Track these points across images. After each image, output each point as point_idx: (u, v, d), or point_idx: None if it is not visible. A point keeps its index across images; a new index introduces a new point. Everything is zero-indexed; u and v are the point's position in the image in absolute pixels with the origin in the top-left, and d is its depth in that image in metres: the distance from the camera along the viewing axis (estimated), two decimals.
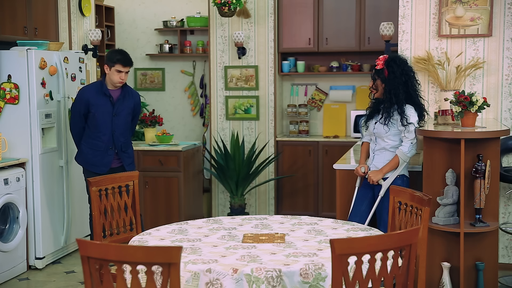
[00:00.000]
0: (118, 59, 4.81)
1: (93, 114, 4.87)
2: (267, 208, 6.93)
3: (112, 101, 4.90)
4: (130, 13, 7.92)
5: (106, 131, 4.90)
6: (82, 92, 4.98)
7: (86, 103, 4.87)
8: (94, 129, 4.89)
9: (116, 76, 4.82)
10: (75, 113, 4.96)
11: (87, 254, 2.29)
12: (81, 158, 5.00)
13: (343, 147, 6.44)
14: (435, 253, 4.24)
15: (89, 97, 4.88)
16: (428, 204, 3.02)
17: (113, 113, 4.90)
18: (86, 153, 4.94)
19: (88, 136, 4.93)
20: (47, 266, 5.38)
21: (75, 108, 4.97)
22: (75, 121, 4.97)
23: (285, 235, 3.11)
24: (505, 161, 5.05)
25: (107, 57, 4.89)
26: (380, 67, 4.16)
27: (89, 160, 4.94)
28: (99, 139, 4.90)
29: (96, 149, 4.91)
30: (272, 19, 6.76)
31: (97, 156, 4.91)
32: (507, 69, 5.01)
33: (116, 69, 4.80)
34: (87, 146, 4.94)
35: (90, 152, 4.92)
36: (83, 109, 4.88)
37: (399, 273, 2.50)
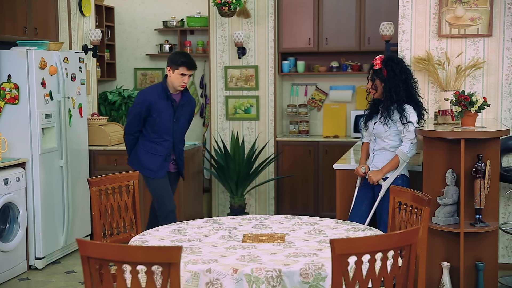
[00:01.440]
0: (183, 62, 4.63)
1: (154, 118, 4.68)
2: (267, 208, 6.93)
3: (175, 106, 4.72)
4: (130, 13, 7.92)
5: (167, 136, 4.74)
6: (144, 94, 4.74)
7: (149, 106, 4.66)
8: (155, 133, 4.72)
9: (179, 80, 4.66)
10: (135, 116, 4.72)
11: (87, 254, 2.29)
12: (137, 162, 4.78)
13: (343, 147, 6.44)
14: (435, 253, 4.24)
15: (151, 101, 4.66)
16: (428, 204, 3.02)
17: (173, 119, 4.74)
18: (143, 158, 4.74)
19: (148, 139, 4.75)
20: (47, 266, 5.38)
21: (135, 110, 4.74)
22: (133, 124, 4.75)
23: (285, 235, 3.11)
24: (505, 161, 5.05)
25: (170, 60, 4.70)
26: (378, 67, 4.17)
27: (146, 165, 4.74)
28: (160, 144, 4.73)
29: (155, 154, 4.73)
30: (272, 19, 6.76)
31: (155, 162, 4.73)
32: (507, 69, 5.01)
33: (180, 72, 4.64)
34: (145, 149, 4.75)
35: (148, 156, 4.74)
36: (144, 113, 4.68)
37: (399, 273, 2.50)
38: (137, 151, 4.79)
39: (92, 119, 6.22)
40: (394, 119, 4.15)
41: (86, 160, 6.04)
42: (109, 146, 6.15)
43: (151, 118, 4.68)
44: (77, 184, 5.74)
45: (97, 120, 6.24)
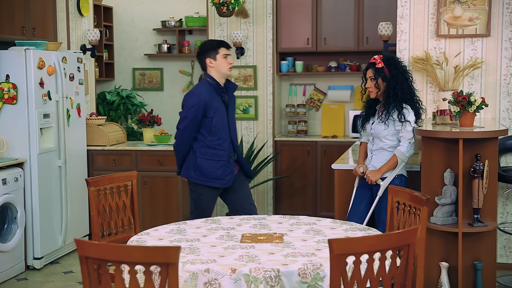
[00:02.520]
0: (220, 43, 4.32)
1: (210, 119, 4.26)
2: (266, 208, 6.92)
3: (225, 101, 4.35)
4: (129, 13, 7.92)
5: (226, 136, 4.34)
6: (198, 94, 4.28)
7: (204, 106, 4.23)
8: (213, 136, 4.29)
9: (225, 63, 4.29)
10: (191, 120, 4.25)
11: (85, 254, 2.29)
12: (200, 173, 4.31)
13: (341, 147, 6.44)
14: (433, 253, 4.24)
15: (206, 99, 4.24)
16: (426, 204, 3.02)
17: (227, 116, 4.36)
18: (206, 167, 4.29)
19: (205, 145, 4.30)
20: (45, 266, 5.38)
21: (190, 115, 4.25)
22: (189, 131, 4.28)
23: (284, 235, 3.11)
24: (503, 161, 5.06)
25: (205, 49, 4.34)
26: (381, 66, 4.17)
27: (211, 174, 4.29)
28: (220, 147, 4.31)
29: (217, 160, 4.31)
30: (270, 19, 6.76)
31: (219, 168, 4.30)
32: (505, 69, 5.01)
33: (222, 55, 4.29)
34: (205, 157, 4.30)
35: (211, 164, 4.29)
36: (200, 115, 4.25)
37: (397, 273, 2.50)
38: (196, 161, 4.31)
39: (90, 119, 6.22)
40: (392, 118, 4.15)
41: (85, 160, 6.03)
42: (107, 146, 6.15)
43: (207, 119, 4.26)
44: (75, 184, 5.73)
45: (95, 120, 6.24)
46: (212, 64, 4.29)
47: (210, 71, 4.33)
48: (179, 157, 4.39)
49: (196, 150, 4.31)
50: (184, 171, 4.39)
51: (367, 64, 4.30)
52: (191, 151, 4.34)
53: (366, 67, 4.29)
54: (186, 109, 4.30)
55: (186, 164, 4.37)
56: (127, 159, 6.07)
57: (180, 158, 4.39)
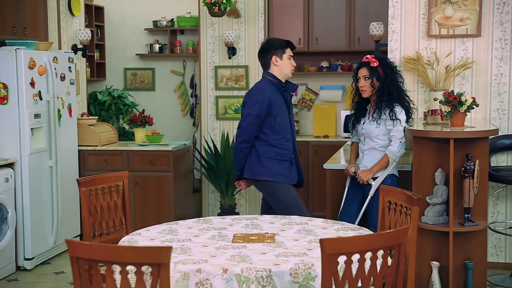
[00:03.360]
0: (288, 43, 4.21)
1: (274, 117, 4.13)
2: (257, 208, 6.92)
3: (287, 100, 4.24)
4: (120, 13, 7.90)
5: (289, 136, 4.21)
6: (262, 90, 4.14)
7: (269, 104, 4.11)
8: (276, 135, 4.16)
9: (289, 64, 4.21)
10: (255, 118, 4.11)
11: (76, 254, 2.28)
12: (265, 169, 4.15)
13: (333, 147, 6.45)
14: (425, 252, 4.25)
15: (271, 97, 4.11)
16: (417, 204, 3.03)
17: (289, 115, 4.24)
18: (270, 165, 4.15)
19: (268, 144, 4.16)
20: (36, 267, 5.36)
21: (254, 112, 4.10)
22: (252, 129, 4.13)
23: (275, 235, 3.11)
24: (493, 161, 5.08)
25: (273, 47, 4.21)
26: (376, 65, 4.18)
27: (276, 170, 4.15)
28: (283, 147, 4.18)
29: (280, 159, 4.18)
30: (262, 19, 6.76)
31: (284, 168, 4.19)
32: (496, 69, 5.04)
33: (288, 56, 4.21)
34: (268, 156, 4.16)
35: (275, 163, 4.16)
36: (264, 112, 4.11)
37: (388, 273, 2.51)
38: (259, 159, 4.15)
39: (81, 119, 6.20)
40: (384, 117, 4.16)
41: (76, 161, 6.01)
42: (98, 146, 6.13)
43: (270, 117, 4.12)
44: (66, 184, 5.71)
45: (86, 120, 6.22)
46: (278, 63, 4.18)
47: (272, 69, 4.21)
48: (241, 157, 4.18)
49: (258, 149, 4.15)
50: (248, 172, 4.19)
51: (359, 63, 4.30)
52: (253, 151, 4.17)
53: (358, 66, 4.28)
54: (249, 105, 4.13)
55: (250, 164, 4.18)
56: (118, 159, 6.06)
57: (242, 158, 4.18)
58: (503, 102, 5.05)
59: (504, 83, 5.03)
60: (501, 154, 5.09)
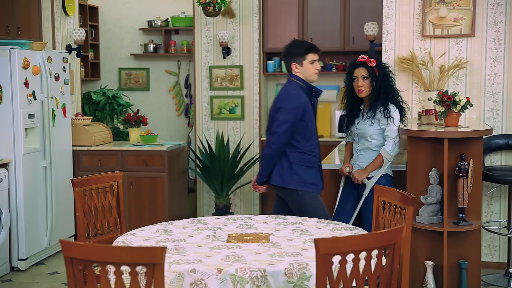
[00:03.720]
0: (309, 48, 4.01)
1: (305, 123, 3.96)
2: (252, 208, 6.92)
3: (314, 104, 4.07)
4: (114, 13, 7.88)
5: (316, 142, 4.06)
6: (298, 96, 3.97)
7: (304, 110, 3.93)
8: (307, 141, 3.99)
9: (312, 69, 4.01)
10: (291, 124, 3.93)
11: (71, 255, 2.28)
12: (297, 178, 3.98)
13: (327, 147, 6.44)
14: (419, 252, 4.26)
15: (306, 101, 3.95)
16: (412, 203, 3.03)
17: (315, 120, 4.10)
18: (301, 172, 3.99)
19: (299, 150, 3.99)
20: (30, 268, 5.34)
21: (291, 118, 3.92)
22: (286, 136, 3.95)
23: (270, 235, 3.11)
24: (487, 160, 5.09)
25: (291, 53, 4.05)
26: (374, 64, 4.19)
27: (307, 179, 3.98)
28: (312, 154, 4.02)
29: (310, 166, 4.01)
30: (257, 19, 6.76)
31: (313, 175, 4.01)
32: (490, 69, 5.05)
33: (309, 61, 4.00)
34: (299, 163, 3.99)
35: (306, 170, 3.99)
36: (299, 118, 3.94)
37: (383, 272, 2.52)
38: (290, 167, 3.98)
39: (76, 119, 6.19)
40: (378, 117, 4.17)
41: (70, 161, 6.00)
42: (93, 146, 6.12)
43: (303, 123, 3.96)
44: (60, 184, 5.70)
45: (81, 120, 6.21)
46: (298, 70, 4.03)
47: (296, 74, 4.07)
48: (271, 164, 4.03)
49: (289, 155, 3.98)
50: (278, 179, 4.02)
51: (354, 63, 4.27)
52: (283, 157, 4.00)
53: (353, 66, 4.25)
54: (286, 111, 3.93)
55: (279, 171, 4.01)
56: (113, 159, 6.05)
57: (272, 165, 4.03)
58: (497, 102, 5.06)
59: (498, 83, 5.05)
60: (495, 154, 5.11)
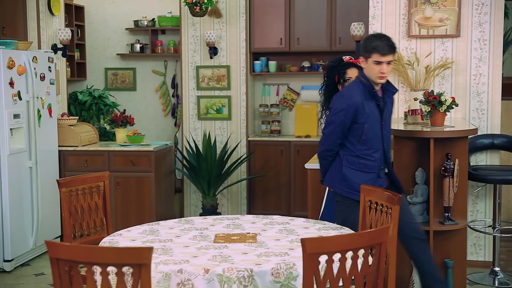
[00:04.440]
0: (374, 47, 3.65)
1: (361, 125, 3.70)
2: (239, 208, 6.92)
3: (380, 105, 3.75)
4: (101, 12, 7.85)
5: (378, 146, 3.76)
6: (349, 97, 3.73)
7: (355, 111, 3.69)
8: (363, 144, 3.74)
9: (374, 70, 3.66)
10: (338, 126, 3.73)
11: (56, 255, 2.27)
12: (345, 184, 3.76)
13: (314, 147, 6.43)
14: (405, 251, 4.28)
15: (358, 103, 3.68)
16: (398, 203, 3.05)
17: (381, 122, 3.77)
18: (352, 178, 3.74)
19: (353, 154, 3.76)
20: (16, 269, 5.30)
21: (338, 119, 3.72)
22: (335, 137, 3.77)
23: (257, 235, 3.12)
24: (473, 160, 5.13)
25: (362, 46, 3.77)
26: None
27: (357, 186, 3.63)
28: (370, 158, 3.74)
29: (366, 172, 3.75)
30: (243, 19, 6.76)
31: (368, 181, 3.70)
32: (475, 69, 5.09)
33: (373, 61, 3.65)
34: (352, 167, 3.77)
35: (359, 176, 3.74)
36: (350, 120, 3.70)
37: (369, 272, 2.53)
38: (341, 170, 3.79)
39: (62, 119, 6.15)
40: None
41: (56, 161, 5.96)
42: (79, 146, 6.09)
43: (357, 125, 3.71)
44: (46, 185, 5.67)
45: (67, 120, 6.17)
46: (363, 65, 3.74)
47: (364, 70, 3.76)
48: (324, 164, 3.91)
49: (342, 158, 3.79)
50: (329, 180, 3.89)
51: (346, 64, 4.19)
52: (337, 159, 3.84)
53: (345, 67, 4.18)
54: (333, 112, 3.79)
55: (331, 172, 3.88)
56: (99, 160, 6.02)
57: (325, 165, 3.90)
58: (482, 102, 5.10)
59: (483, 83, 5.09)
60: (480, 154, 5.15)
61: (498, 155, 5.19)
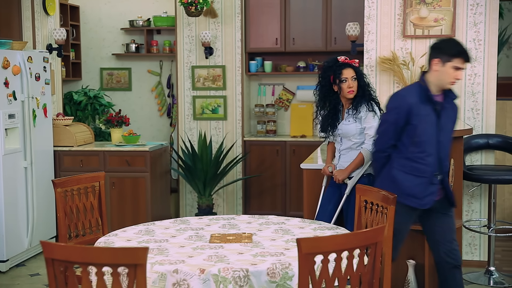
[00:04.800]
0: (460, 52, 3.60)
1: (414, 127, 3.65)
2: (235, 208, 6.92)
3: (438, 110, 3.68)
4: (96, 12, 7.83)
5: (431, 150, 3.67)
6: (402, 96, 3.74)
7: (408, 112, 3.64)
8: (415, 147, 3.68)
9: (450, 75, 3.61)
10: (391, 125, 3.71)
11: (52, 256, 2.26)
12: (394, 186, 3.64)
13: (310, 147, 6.48)
14: (401, 251, 4.28)
15: (412, 104, 3.64)
16: (393, 203, 3.06)
17: (438, 127, 3.69)
18: (402, 181, 3.69)
19: (406, 156, 3.70)
20: (11, 269, 5.29)
21: (391, 118, 3.72)
22: (387, 137, 3.74)
23: (253, 235, 3.12)
24: (468, 160, 5.14)
25: (439, 49, 3.67)
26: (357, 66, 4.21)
27: (407, 190, 3.65)
28: (422, 162, 3.67)
29: (418, 175, 3.68)
30: (239, 19, 6.76)
31: (418, 185, 3.67)
32: (470, 69, 5.10)
33: (453, 66, 3.59)
34: (403, 170, 3.70)
35: (409, 179, 3.68)
36: (402, 120, 3.66)
37: (365, 271, 2.53)
38: (391, 172, 3.74)
39: (57, 119, 6.14)
40: (360, 116, 4.16)
41: (51, 161, 5.95)
42: (74, 146, 6.08)
43: (410, 126, 3.67)
44: (41, 185, 5.65)
45: (62, 120, 6.16)
46: (437, 68, 3.66)
47: (431, 73, 3.70)
48: (376, 167, 3.90)
49: (393, 160, 3.74)
50: (379, 183, 3.80)
51: (341, 64, 4.18)
52: (389, 161, 3.78)
53: (341, 67, 4.17)
54: (387, 111, 3.78)
55: (382, 175, 3.83)
56: (94, 160, 6.01)
57: (377, 169, 3.86)
58: (477, 102, 5.11)
59: (478, 83, 5.10)
60: (475, 153, 5.16)
61: (493, 155, 5.20)
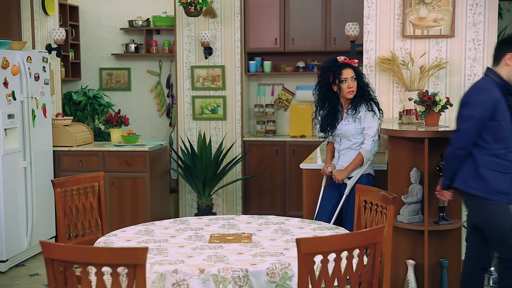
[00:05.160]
0: None
1: (498, 122, 3.53)
2: (235, 208, 6.92)
3: (511, 106, 3.63)
4: (95, 12, 7.83)
5: None
6: (487, 91, 3.57)
7: (494, 106, 3.52)
8: (498, 143, 3.56)
9: None
10: (478, 121, 3.53)
11: (51, 256, 2.26)
12: (482, 183, 3.56)
13: (309, 147, 6.48)
14: (400, 251, 4.29)
15: (498, 99, 3.54)
16: (393, 203, 3.06)
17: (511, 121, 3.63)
18: (489, 177, 3.55)
19: (489, 153, 3.56)
20: (11, 269, 5.29)
21: (478, 114, 3.52)
22: (472, 133, 3.55)
23: (252, 235, 3.12)
24: None
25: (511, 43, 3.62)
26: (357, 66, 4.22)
27: (494, 186, 3.53)
28: (506, 158, 3.56)
29: (502, 171, 3.56)
30: (238, 19, 6.76)
31: (505, 183, 3.56)
32: (469, 69, 5.10)
33: None
34: (488, 167, 3.56)
35: (495, 175, 3.55)
36: (488, 115, 3.52)
37: (364, 271, 2.53)
38: (478, 170, 3.58)
39: (56, 119, 6.14)
40: (359, 116, 4.17)
41: (51, 161, 5.95)
42: (74, 147, 6.08)
43: (494, 122, 3.53)
44: (41, 185, 5.65)
45: (61, 120, 6.16)
46: (510, 63, 3.58)
47: (501, 68, 3.62)
48: (456, 164, 3.66)
49: (476, 157, 3.58)
50: (461, 182, 3.65)
51: (341, 64, 4.19)
52: (469, 159, 3.62)
53: (341, 67, 4.17)
54: (472, 107, 3.56)
55: (462, 174, 3.65)
56: (94, 160, 6.01)
57: (457, 166, 3.66)
58: None
59: None
60: None
61: None
